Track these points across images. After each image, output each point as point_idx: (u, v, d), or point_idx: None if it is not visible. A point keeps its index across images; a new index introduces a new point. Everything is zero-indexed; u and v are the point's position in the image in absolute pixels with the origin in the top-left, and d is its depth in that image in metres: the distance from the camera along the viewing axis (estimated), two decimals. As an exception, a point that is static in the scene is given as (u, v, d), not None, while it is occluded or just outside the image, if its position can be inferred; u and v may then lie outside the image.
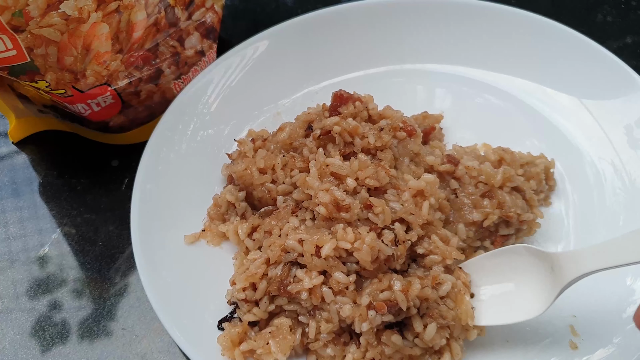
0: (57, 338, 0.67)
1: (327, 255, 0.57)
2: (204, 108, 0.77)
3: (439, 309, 0.57)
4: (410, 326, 0.56)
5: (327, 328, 0.57)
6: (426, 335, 0.56)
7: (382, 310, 0.55)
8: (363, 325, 0.55)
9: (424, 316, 0.57)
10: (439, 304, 0.57)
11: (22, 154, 0.83)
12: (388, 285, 0.57)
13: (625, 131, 0.70)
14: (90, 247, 0.73)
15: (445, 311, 0.57)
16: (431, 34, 0.81)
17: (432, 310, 0.57)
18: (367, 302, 0.56)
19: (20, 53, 0.61)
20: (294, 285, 0.58)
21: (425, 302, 0.56)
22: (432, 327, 0.56)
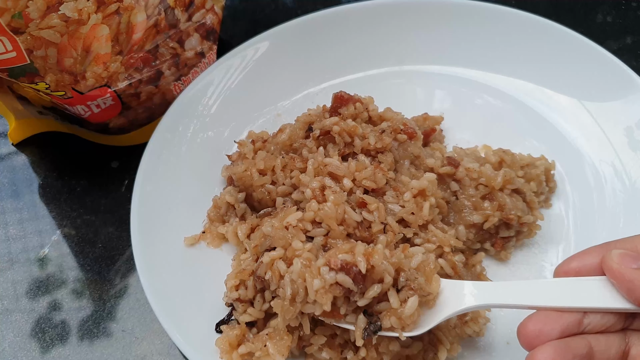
0: (57, 339, 0.67)
1: (289, 223, 0.56)
2: (204, 110, 0.77)
3: (419, 282, 0.53)
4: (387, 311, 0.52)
5: (290, 312, 0.53)
6: (406, 309, 0.51)
7: (334, 265, 0.51)
8: (315, 283, 0.51)
9: (401, 290, 0.53)
10: (417, 277, 0.53)
11: (22, 155, 0.83)
12: (349, 249, 0.53)
13: (626, 132, 0.70)
14: (90, 249, 0.73)
15: (425, 285, 0.53)
16: (431, 35, 0.81)
17: (411, 282, 0.53)
18: (322, 262, 0.52)
19: (20, 55, 0.61)
20: (261, 268, 0.56)
21: (400, 272, 0.53)
22: (413, 301, 0.51)
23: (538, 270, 0.65)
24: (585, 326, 0.45)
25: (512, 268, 0.65)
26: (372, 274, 0.52)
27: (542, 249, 0.66)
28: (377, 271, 0.52)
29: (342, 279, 0.51)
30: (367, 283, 0.52)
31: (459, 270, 0.59)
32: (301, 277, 0.52)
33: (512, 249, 0.66)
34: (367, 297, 0.52)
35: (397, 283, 0.53)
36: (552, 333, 0.45)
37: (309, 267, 0.53)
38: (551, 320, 0.45)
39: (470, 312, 0.59)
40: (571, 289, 0.47)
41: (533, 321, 0.46)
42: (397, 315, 0.52)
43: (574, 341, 0.44)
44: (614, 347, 0.45)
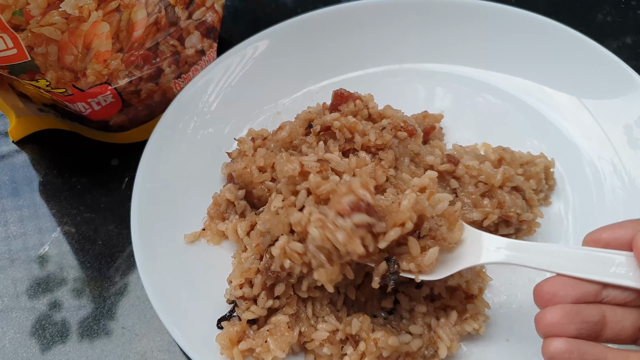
0: (57, 337, 0.67)
1: (276, 207, 0.56)
2: (204, 107, 0.77)
3: (441, 231, 0.52)
4: (406, 256, 0.52)
5: (335, 272, 0.53)
6: (426, 259, 0.51)
7: (344, 211, 0.50)
8: (339, 236, 0.50)
9: (423, 238, 0.52)
10: (440, 225, 0.52)
11: (22, 153, 0.83)
12: (347, 189, 0.51)
13: (625, 131, 0.70)
14: (90, 246, 0.73)
15: (447, 233, 0.52)
16: (431, 33, 0.81)
17: (434, 232, 0.52)
18: (333, 215, 0.51)
19: (21, 52, 0.61)
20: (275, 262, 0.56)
21: (422, 220, 0.52)
22: (433, 252, 0.51)
23: (537, 268, 0.65)
24: (604, 297, 0.45)
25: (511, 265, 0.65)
26: (390, 217, 0.51)
27: (541, 247, 0.66)
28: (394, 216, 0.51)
29: (358, 220, 0.50)
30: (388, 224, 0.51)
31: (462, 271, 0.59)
32: (324, 239, 0.51)
33: (512, 246, 0.66)
34: (386, 239, 0.51)
35: (420, 229, 0.52)
36: (567, 298, 0.45)
37: (325, 227, 0.51)
38: (568, 286, 0.45)
39: (470, 310, 0.59)
40: (595, 260, 0.46)
41: (550, 283, 0.46)
42: (416, 262, 0.52)
43: (587, 308, 0.44)
44: (629, 321, 0.45)
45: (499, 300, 0.63)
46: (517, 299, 0.63)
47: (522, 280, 0.64)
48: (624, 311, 0.45)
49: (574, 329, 0.44)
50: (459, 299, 0.60)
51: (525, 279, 0.64)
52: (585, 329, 0.44)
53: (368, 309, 0.61)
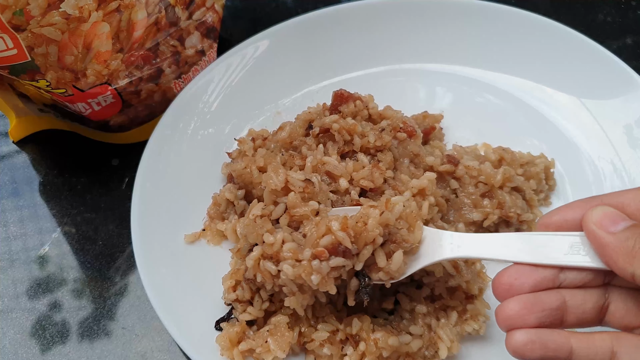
0: (57, 337, 0.67)
1: (255, 215, 0.56)
2: (204, 107, 0.77)
3: (400, 234, 0.52)
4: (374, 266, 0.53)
5: (306, 299, 0.54)
6: (392, 265, 0.52)
7: (322, 256, 0.51)
8: (313, 279, 0.51)
9: (385, 244, 0.53)
10: (398, 229, 0.53)
11: (23, 153, 0.83)
12: (326, 229, 0.52)
13: (625, 131, 0.70)
14: (91, 246, 0.73)
15: (407, 235, 0.52)
16: (431, 33, 0.81)
17: (394, 236, 0.52)
18: (309, 254, 0.51)
19: (21, 52, 0.61)
20: (249, 272, 0.57)
21: (386, 228, 0.52)
22: (398, 256, 0.52)
23: (538, 268, 0.65)
24: (562, 281, 0.44)
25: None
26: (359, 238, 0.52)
27: (541, 247, 0.66)
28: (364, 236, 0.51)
29: (335, 263, 0.51)
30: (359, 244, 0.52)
31: (461, 270, 0.59)
32: (297, 277, 0.52)
33: (512, 246, 0.66)
34: (361, 260, 0.52)
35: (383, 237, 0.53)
36: (523, 287, 0.44)
37: (299, 265, 0.52)
38: (523, 275, 0.44)
39: (470, 310, 0.59)
40: (547, 244, 0.45)
41: (506, 275, 0.45)
42: (385, 270, 0.52)
43: (545, 295, 0.43)
44: (590, 302, 0.44)
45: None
46: (517, 299, 0.63)
47: (522, 280, 0.64)
48: (584, 293, 0.44)
49: (534, 318, 0.43)
50: (459, 300, 0.60)
51: (525, 279, 0.64)
52: (546, 317, 0.43)
53: (368, 310, 0.61)
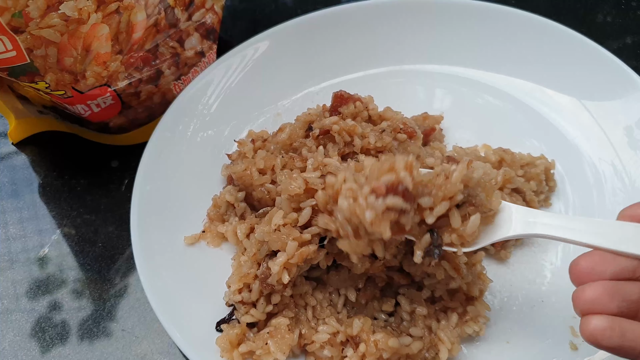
0: (57, 339, 0.67)
1: (278, 225, 0.56)
2: (204, 109, 0.77)
3: (480, 197, 0.49)
4: (446, 228, 0.50)
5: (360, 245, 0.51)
6: (468, 227, 0.49)
7: (379, 190, 0.47)
8: (367, 215, 0.47)
9: (462, 206, 0.49)
10: (477, 193, 0.50)
11: (22, 154, 0.83)
12: (390, 166, 0.48)
13: (625, 132, 0.70)
14: (90, 248, 0.73)
15: (486, 200, 0.49)
16: (431, 34, 0.81)
17: (473, 198, 0.49)
18: (367, 191, 0.47)
19: (20, 54, 0.61)
20: (272, 276, 0.57)
21: (466, 188, 0.49)
22: (475, 219, 0.49)
23: (538, 270, 0.65)
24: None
25: (512, 267, 0.65)
26: (438, 191, 0.48)
27: (541, 248, 0.66)
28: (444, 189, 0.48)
29: (391, 203, 0.47)
30: (436, 199, 0.48)
31: (462, 272, 0.59)
32: (352, 212, 0.49)
33: (512, 248, 0.66)
34: (434, 214, 0.49)
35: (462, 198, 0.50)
36: (604, 274, 0.43)
37: (355, 200, 0.48)
38: (605, 261, 0.44)
39: (470, 312, 0.59)
40: (633, 234, 0.44)
41: (587, 259, 0.44)
42: (458, 233, 0.49)
43: (627, 285, 0.42)
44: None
45: (500, 302, 0.63)
46: (517, 301, 0.63)
47: (522, 282, 0.64)
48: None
49: (615, 306, 0.42)
50: (460, 301, 0.60)
51: (525, 281, 0.64)
52: (625, 307, 0.42)
53: (368, 311, 0.61)
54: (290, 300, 0.60)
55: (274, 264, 0.56)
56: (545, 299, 0.62)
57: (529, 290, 0.63)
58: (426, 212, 0.49)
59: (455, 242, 0.50)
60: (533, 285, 0.64)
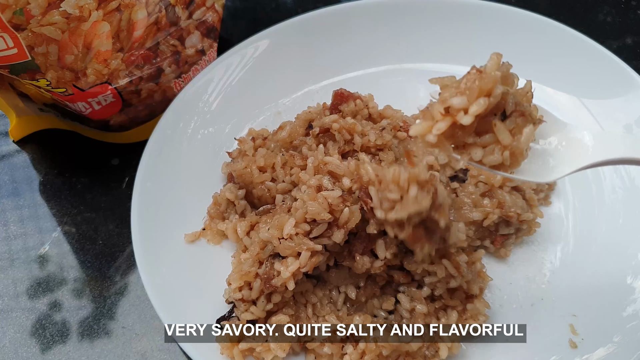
0: (58, 336, 0.67)
1: (290, 234, 0.56)
2: (204, 107, 0.77)
3: (524, 106, 0.43)
4: (493, 143, 0.43)
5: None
6: (523, 141, 0.42)
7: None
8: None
9: (509, 117, 0.42)
10: (522, 101, 0.43)
11: (23, 152, 0.83)
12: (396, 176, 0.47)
13: (625, 130, 0.70)
14: (91, 246, 0.73)
15: (529, 108, 0.43)
16: (431, 33, 0.81)
17: (520, 107, 0.42)
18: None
19: (21, 51, 0.61)
20: (277, 279, 0.57)
21: (504, 99, 0.42)
22: (529, 130, 0.42)
23: (537, 268, 0.65)
24: None
25: (511, 265, 0.65)
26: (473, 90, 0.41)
27: (541, 247, 0.66)
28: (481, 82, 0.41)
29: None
30: (471, 98, 0.41)
31: (462, 271, 0.59)
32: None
33: (512, 246, 0.66)
34: (471, 113, 0.41)
35: (506, 108, 0.42)
36: None
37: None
38: None
39: (470, 310, 0.59)
40: None
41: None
42: (511, 149, 0.43)
43: None
44: None
45: (499, 300, 0.63)
46: (517, 299, 0.63)
47: (521, 280, 0.64)
48: None
49: None
50: (460, 299, 0.60)
51: (524, 279, 0.64)
52: None
53: (368, 309, 0.61)
54: (290, 297, 0.60)
55: (285, 270, 0.56)
56: (544, 297, 0.62)
57: (528, 288, 0.64)
58: (460, 114, 0.41)
59: (506, 162, 0.43)
60: (532, 283, 0.64)
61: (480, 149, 0.43)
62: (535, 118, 0.44)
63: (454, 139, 0.42)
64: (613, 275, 0.61)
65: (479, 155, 0.43)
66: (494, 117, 0.42)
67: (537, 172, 0.46)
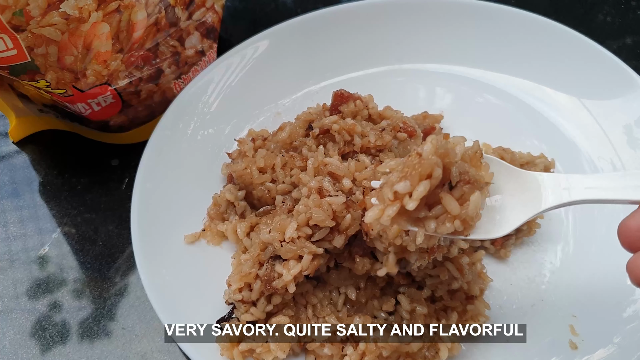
0: (57, 337, 0.67)
1: (292, 237, 0.56)
2: (204, 107, 0.77)
3: (470, 172, 0.44)
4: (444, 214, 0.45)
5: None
6: (470, 209, 0.44)
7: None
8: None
9: (455, 187, 0.44)
10: (467, 169, 0.45)
11: (22, 153, 0.83)
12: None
13: (625, 131, 0.70)
14: (91, 247, 0.73)
15: (476, 174, 0.45)
16: (431, 33, 0.81)
17: (465, 175, 0.44)
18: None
19: (21, 52, 0.61)
20: (278, 281, 0.57)
21: (447, 169, 0.44)
22: (476, 197, 0.43)
23: (537, 269, 0.65)
24: None
25: (511, 266, 0.65)
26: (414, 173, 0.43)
27: (541, 247, 0.66)
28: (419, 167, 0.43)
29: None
30: (413, 181, 0.43)
31: (465, 272, 0.59)
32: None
33: (512, 247, 0.66)
34: (415, 198, 0.43)
35: (451, 178, 0.44)
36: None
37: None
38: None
39: (470, 311, 0.59)
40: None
41: (637, 218, 0.38)
42: (460, 217, 0.44)
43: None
44: None
45: (499, 301, 0.63)
46: (517, 300, 0.63)
47: (522, 281, 0.64)
48: None
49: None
50: (460, 300, 0.60)
51: (524, 279, 0.64)
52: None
53: (368, 310, 0.61)
54: (290, 299, 0.60)
55: (287, 273, 0.56)
56: (544, 297, 0.62)
57: (528, 289, 0.64)
58: (405, 198, 0.43)
59: (459, 229, 0.45)
60: (533, 284, 0.64)
61: (433, 221, 0.45)
62: (482, 183, 0.45)
63: (407, 215, 0.45)
64: (613, 276, 0.61)
65: (433, 227, 0.45)
66: (441, 188, 0.44)
67: (491, 229, 0.47)
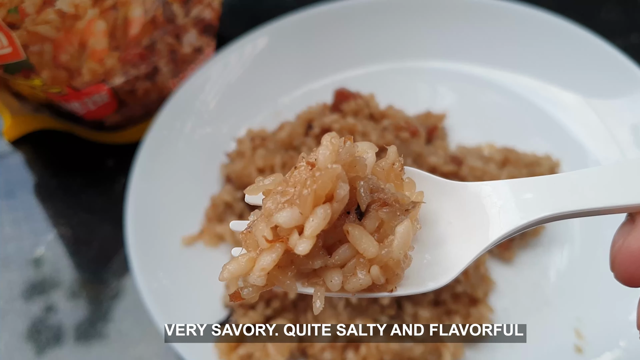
0: (53, 341, 0.66)
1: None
2: (201, 106, 0.76)
3: (386, 189, 0.31)
4: (355, 257, 0.30)
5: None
6: (395, 246, 0.29)
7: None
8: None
9: (367, 213, 0.30)
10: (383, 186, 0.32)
11: (17, 153, 0.82)
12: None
13: (631, 130, 0.69)
14: (86, 248, 0.72)
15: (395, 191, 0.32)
16: (434, 30, 0.79)
17: (377, 193, 0.30)
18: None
19: (16, 50, 0.60)
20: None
21: (352, 192, 0.30)
22: (404, 228, 0.29)
23: (542, 271, 0.64)
24: None
25: (516, 268, 0.64)
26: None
27: (546, 249, 0.65)
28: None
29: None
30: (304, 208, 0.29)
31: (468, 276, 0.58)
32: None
33: (516, 249, 0.65)
34: (308, 235, 0.28)
35: (358, 202, 0.30)
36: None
37: None
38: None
39: (474, 314, 0.58)
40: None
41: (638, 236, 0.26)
42: (378, 261, 0.30)
43: None
44: None
45: (503, 305, 0.62)
46: (520, 303, 0.62)
47: (526, 284, 0.63)
48: None
49: None
50: (463, 304, 0.59)
51: (529, 282, 0.63)
52: None
53: (370, 313, 0.60)
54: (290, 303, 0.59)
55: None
56: (550, 300, 0.62)
57: (533, 292, 0.63)
58: (292, 237, 0.29)
59: (379, 279, 0.30)
60: (537, 287, 0.63)
61: (337, 272, 0.30)
62: (408, 204, 0.30)
63: (294, 265, 0.30)
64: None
65: (338, 282, 0.30)
66: (346, 218, 0.29)
67: (426, 276, 0.32)
